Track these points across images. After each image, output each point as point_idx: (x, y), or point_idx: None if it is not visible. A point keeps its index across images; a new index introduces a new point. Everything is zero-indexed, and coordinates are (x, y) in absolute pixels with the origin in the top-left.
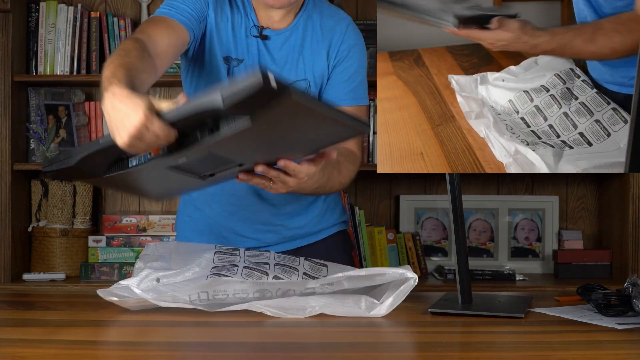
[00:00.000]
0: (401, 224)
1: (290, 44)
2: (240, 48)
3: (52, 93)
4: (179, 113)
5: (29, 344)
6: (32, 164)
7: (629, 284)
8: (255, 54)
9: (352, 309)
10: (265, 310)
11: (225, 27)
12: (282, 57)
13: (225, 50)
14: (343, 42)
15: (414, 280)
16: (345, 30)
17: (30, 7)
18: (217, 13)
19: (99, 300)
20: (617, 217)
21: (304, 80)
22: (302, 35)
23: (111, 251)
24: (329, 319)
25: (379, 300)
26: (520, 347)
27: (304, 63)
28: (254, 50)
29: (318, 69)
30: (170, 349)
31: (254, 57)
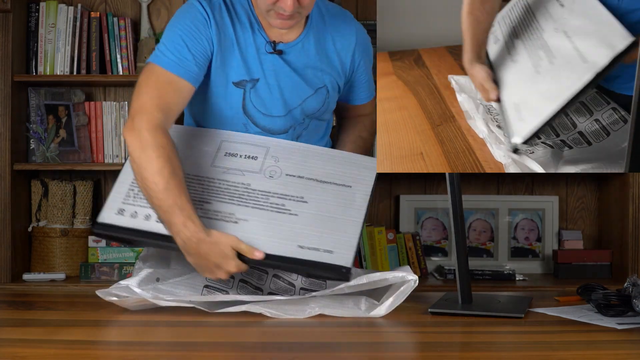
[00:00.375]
0: (401, 224)
1: (306, 52)
2: (253, 68)
3: (52, 93)
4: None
5: (29, 344)
6: (32, 164)
7: (629, 284)
8: (271, 70)
9: (352, 309)
10: (264, 311)
11: (232, 54)
12: (300, 68)
13: (236, 76)
14: (357, 45)
15: (414, 281)
16: (355, 31)
17: (30, 7)
18: (222, 42)
19: (99, 300)
20: (617, 217)
21: (323, 87)
22: (315, 42)
23: (111, 251)
24: (329, 319)
25: (379, 301)
26: (520, 347)
27: (321, 70)
28: (269, 66)
29: (334, 73)
30: (170, 349)
31: (271, 73)
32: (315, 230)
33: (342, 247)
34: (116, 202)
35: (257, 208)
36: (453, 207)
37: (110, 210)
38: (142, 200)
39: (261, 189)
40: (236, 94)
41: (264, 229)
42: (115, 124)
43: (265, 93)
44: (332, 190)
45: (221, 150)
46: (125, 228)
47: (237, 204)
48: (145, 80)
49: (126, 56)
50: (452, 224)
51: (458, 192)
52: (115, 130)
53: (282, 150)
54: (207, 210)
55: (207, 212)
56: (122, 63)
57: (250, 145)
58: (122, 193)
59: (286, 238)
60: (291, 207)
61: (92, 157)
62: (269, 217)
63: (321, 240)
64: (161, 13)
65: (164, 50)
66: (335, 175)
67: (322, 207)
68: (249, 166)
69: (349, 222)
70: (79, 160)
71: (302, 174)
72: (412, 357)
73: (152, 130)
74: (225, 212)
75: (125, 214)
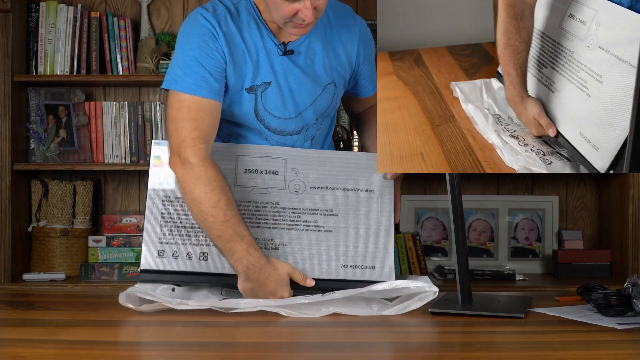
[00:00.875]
0: (401, 223)
1: (312, 50)
2: (264, 71)
3: (52, 93)
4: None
5: (29, 344)
6: (32, 164)
7: (629, 284)
8: (282, 72)
9: (365, 309)
10: (280, 310)
11: (243, 61)
12: (309, 66)
13: (249, 81)
14: (361, 37)
15: (434, 292)
16: (357, 24)
17: (30, 7)
18: (232, 52)
19: (99, 300)
20: (617, 217)
21: (331, 83)
22: (321, 38)
23: (111, 251)
24: (328, 319)
25: (391, 300)
26: (520, 347)
27: (329, 65)
28: (279, 69)
29: (340, 68)
30: (170, 349)
31: (281, 75)
32: (352, 246)
33: (382, 261)
34: (153, 243)
35: (292, 229)
36: (453, 207)
37: (150, 255)
38: (179, 237)
39: (291, 207)
40: (248, 100)
41: (305, 253)
42: (115, 124)
43: (276, 96)
44: (357, 198)
45: (239, 166)
46: (170, 271)
47: (271, 227)
48: (177, 114)
49: (126, 56)
50: (452, 224)
51: (458, 192)
52: (115, 130)
53: (300, 160)
54: None
55: None
56: (122, 63)
57: (266, 158)
58: (155, 232)
59: (328, 259)
60: (324, 223)
61: (92, 157)
62: (306, 238)
63: (361, 257)
64: (161, 13)
65: (181, 75)
66: (356, 180)
67: (352, 219)
68: (272, 182)
69: (382, 233)
70: (79, 160)
71: (326, 184)
72: (412, 357)
73: (200, 163)
74: (263, 238)
75: (167, 255)
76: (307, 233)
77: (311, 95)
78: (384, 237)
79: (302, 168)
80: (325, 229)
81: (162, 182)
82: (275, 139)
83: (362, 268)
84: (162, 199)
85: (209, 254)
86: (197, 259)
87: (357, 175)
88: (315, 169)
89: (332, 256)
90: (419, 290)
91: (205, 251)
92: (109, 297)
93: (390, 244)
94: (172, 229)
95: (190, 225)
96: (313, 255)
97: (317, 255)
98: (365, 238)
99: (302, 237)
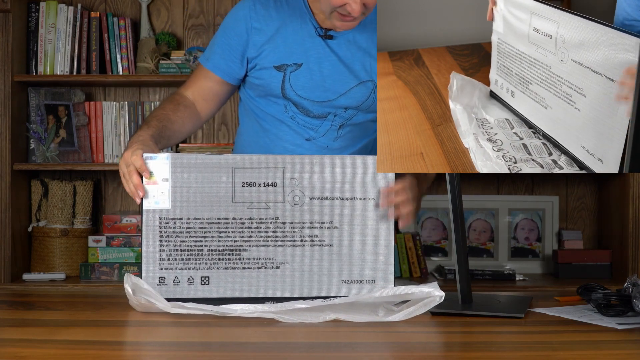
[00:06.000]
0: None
1: (356, 44)
2: (297, 53)
3: (52, 93)
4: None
5: (29, 344)
6: (32, 164)
7: (629, 284)
8: (315, 57)
9: (369, 315)
10: (277, 317)
11: (276, 40)
12: (348, 57)
13: (278, 60)
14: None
15: (440, 297)
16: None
17: (30, 7)
18: (265, 31)
19: (99, 300)
20: (617, 217)
21: (371, 81)
22: (367, 35)
23: (111, 251)
24: (333, 321)
25: (397, 308)
26: (520, 347)
27: (370, 64)
28: (313, 53)
29: (374, 73)
30: (170, 349)
31: (314, 59)
32: (353, 260)
33: (383, 276)
34: (153, 269)
35: (292, 245)
36: (453, 207)
37: (151, 282)
38: (179, 261)
39: (291, 221)
40: (276, 77)
41: (306, 270)
42: (115, 124)
43: (305, 77)
44: (357, 208)
45: (236, 178)
46: (172, 299)
47: (271, 244)
48: (190, 75)
49: (126, 56)
50: (452, 224)
51: (458, 192)
52: (115, 130)
53: (299, 168)
54: (246, 259)
55: (248, 261)
56: (122, 63)
57: (264, 168)
58: (154, 255)
59: (329, 275)
60: (324, 237)
61: (92, 157)
62: (307, 254)
63: (362, 271)
64: (161, 13)
65: (205, 50)
66: (356, 187)
67: (353, 231)
68: (271, 195)
69: (382, 243)
70: (79, 160)
71: (326, 194)
72: (412, 357)
73: (179, 92)
74: (264, 257)
75: (167, 282)
76: (308, 249)
77: (344, 84)
78: (384, 247)
79: (302, 177)
80: (325, 244)
81: (157, 202)
82: (301, 118)
83: (362, 283)
84: (159, 220)
85: (210, 277)
86: (198, 284)
87: (357, 180)
88: (315, 177)
89: (333, 272)
90: (424, 296)
91: (207, 275)
92: (109, 297)
93: (390, 253)
94: (171, 254)
95: (190, 248)
96: (314, 272)
97: (318, 272)
98: (366, 250)
99: (303, 253)
